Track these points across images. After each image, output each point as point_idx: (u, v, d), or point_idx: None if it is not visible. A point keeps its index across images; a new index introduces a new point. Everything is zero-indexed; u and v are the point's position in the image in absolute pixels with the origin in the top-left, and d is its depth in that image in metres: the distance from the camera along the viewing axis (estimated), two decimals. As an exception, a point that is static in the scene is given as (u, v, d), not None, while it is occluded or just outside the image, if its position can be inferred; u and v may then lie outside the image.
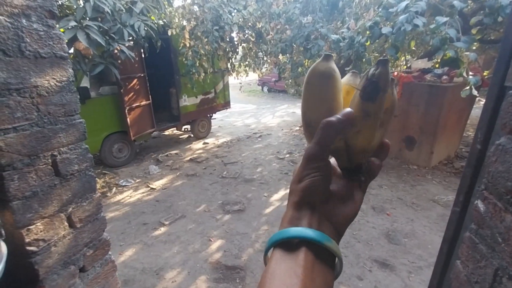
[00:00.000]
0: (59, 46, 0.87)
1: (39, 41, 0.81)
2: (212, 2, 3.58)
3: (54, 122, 0.89)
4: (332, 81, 0.34)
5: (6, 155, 0.76)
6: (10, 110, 0.76)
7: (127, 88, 4.75)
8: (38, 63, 0.81)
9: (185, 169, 5.15)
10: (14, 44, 0.75)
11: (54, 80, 0.87)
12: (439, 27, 1.55)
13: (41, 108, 0.84)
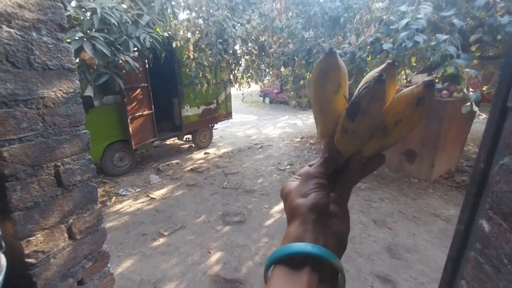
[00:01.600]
0: (67, 58, 0.88)
1: (47, 54, 0.82)
2: (216, 16, 3.68)
3: (59, 133, 0.89)
4: (326, 82, 0.37)
5: (10, 165, 0.76)
6: (16, 121, 0.77)
7: (130, 97, 4.81)
8: (46, 75, 0.83)
9: (185, 179, 5.13)
10: (23, 56, 0.77)
11: (61, 91, 0.88)
12: (440, 44, 1.58)
13: (46, 119, 0.85)
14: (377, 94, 0.31)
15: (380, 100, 0.32)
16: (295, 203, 0.36)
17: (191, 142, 7.16)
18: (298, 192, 0.37)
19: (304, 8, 3.78)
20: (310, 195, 0.35)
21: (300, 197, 0.36)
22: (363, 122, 0.33)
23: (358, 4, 3.13)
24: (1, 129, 0.73)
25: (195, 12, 3.99)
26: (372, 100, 0.31)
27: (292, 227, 0.34)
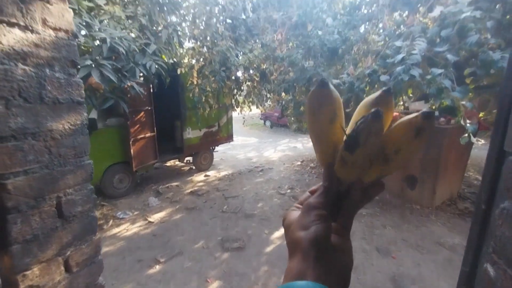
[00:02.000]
0: (77, 92, 0.92)
1: (59, 89, 0.86)
2: (220, 46, 3.85)
3: (64, 164, 0.91)
4: (320, 113, 0.38)
5: (13, 198, 0.76)
6: (23, 154, 0.78)
7: (133, 120, 4.88)
8: (56, 109, 0.86)
9: (185, 202, 5.06)
10: (36, 92, 0.80)
11: (69, 123, 0.91)
12: (435, 78, 1.64)
13: (53, 150, 0.87)
14: (375, 129, 0.32)
15: (378, 134, 0.33)
16: (296, 236, 0.36)
17: (191, 164, 7.15)
18: (299, 224, 0.37)
19: (304, 39, 3.97)
20: (311, 228, 0.34)
21: (301, 230, 0.36)
22: (361, 154, 0.33)
23: (355, 37, 3.29)
24: (8, 162, 0.75)
25: (200, 42, 4.19)
26: (370, 135, 0.32)
27: (294, 263, 0.34)
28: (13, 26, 0.72)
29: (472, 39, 1.68)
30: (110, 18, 2.78)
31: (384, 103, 0.37)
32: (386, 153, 0.36)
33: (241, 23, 4.52)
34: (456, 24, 1.80)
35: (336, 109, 0.38)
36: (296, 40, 4.23)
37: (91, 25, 2.56)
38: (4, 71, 0.72)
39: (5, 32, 0.71)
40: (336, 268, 0.34)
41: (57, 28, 0.83)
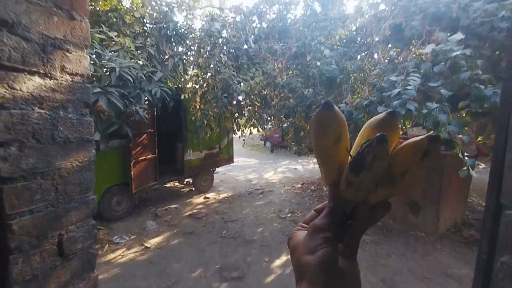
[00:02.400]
0: (87, 130, 0.96)
1: (70, 128, 0.90)
2: (223, 74, 4.00)
3: (69, 201, 0.92)
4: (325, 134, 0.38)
5: (17, 238, 0.77)
6: (30, 193, 0.80)
7: (136, 142, 4.93)
8: (66, 148, 0.89)
9: (183, 226, 4.97)
10: (48, 133, 0.84)
11: (77, 161, 0.93)
12: (431, 112, 1.71)
13: (59, 188, 0.89)
14: (380, 153, 0.32)
15: (383, 158, 0.33)
16: (303, 261, 0.35)
17: (191, 185, 7.11)
18: (306, 247, 0.36)
19: (303, 68, 4.13)
20: (318, 253, 0.34)
21: (308, 254, 0.35)
22: (367, 177, 0.33)
23: (352, 67, 3.44)
24: (15, 202, 0.77)
25: (203, 69, 4.37)
26: (375, 160, 0.32)
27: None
28: (33, 74, 0.78)
29: (464, 75, 1.76)
30: (120, 48, 2.92)
31: (388, 125, 0.38)
32: (392, 175, 0.36)
33: (243, 53, 4.74)
34: (448, 60, 1.90)
35: (340, 130, 0.38)
36: (295, 69, 4.40)
37: (101, 55, 2.68)
38: (21, 115, 0.76)
39: (26, 81, 0.76)
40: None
41: (73, 73, 0.89)
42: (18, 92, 0.74)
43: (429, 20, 2.53)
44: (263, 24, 5.42)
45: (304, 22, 4.94)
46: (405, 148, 0.36)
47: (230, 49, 4.64)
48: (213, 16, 4.26)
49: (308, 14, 5.45)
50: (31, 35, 0.76)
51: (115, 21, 3.22)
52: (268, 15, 5.50)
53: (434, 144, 0.33)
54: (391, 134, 0.36)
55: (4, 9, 0.70)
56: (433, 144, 0.33)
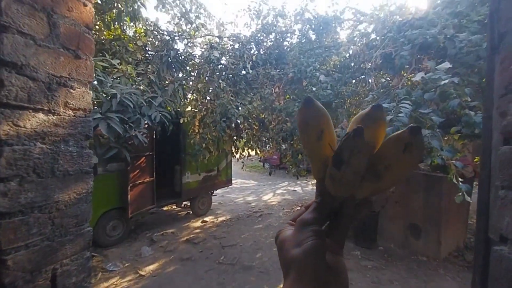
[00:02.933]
0: (87, 162, 0.98)
1: (70, 161, 0.92)
2: (222, 99, 4.12)
3: (64, 234, 0.92)
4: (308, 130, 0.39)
5: (11, 273, 0.77)
6: (27, 228, 0.81)
7: (134, 165, 4.91)
8: (65, 180, 0.91)
9: (180, 252, 4.82)
10: (48, 167, 0.85)
11: (75, 193, 0.95)
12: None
13: (56, 221, 0.89)
14: (357, 147, 0.32)
15: (361, 152, 0.33)
16: (291, 255, 0.34)
17: (189, 208, 6.99)
18: (293, 241, 0.35)
19: (299, 92, 4.26)
20: (306, 245, 0.33)
21: (295, 247, 0.34)
22: (348, 171, 0.34)
23: (347, 92, 3.55)
24: (11, 237, 0.77)
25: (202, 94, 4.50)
26: (353, 153, 0.32)
27: (288, 283, 0.33)
28: (38, 111, 0.81)
29: (454, 103, 1.83)
30: (122, 75, 3.03)
31: (373, 118, 0.37)
32: (376, 169, 0.36)
33: (241, 79, 4.91)
34: (438, 88, 1.98)
35: (322, 126, 0.38)
36: (292, 94, 4.54)
37: (104, 82, 2.76)
38: (24, 151, 0.78)
39: (30, 118, 0.79)
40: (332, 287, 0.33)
41: (76, 108, 0.93)
42: (22, 129, 0.78)
43: (418, 49, 2.67)
44: (260, 51, 5.68)
45: (300, 49, 5.18)
46: (388, 142, 0.37)
47: (229, 75, 4.81)
48: (213, 44, 4.46)
49: (304, 41, 5.73)
50: (38, 75, 0.81)
51: (118, 49, 3.37)
52: (265, 42, 5.78)
53: (416, 135, 0.34)
54: (376, 127, 0.37)
55: (14, 53, 0.74)
56: (414, 135, 0.34)
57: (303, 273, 0.33)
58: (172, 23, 4.91)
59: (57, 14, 0.83)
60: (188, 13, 4.64)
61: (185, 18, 4.52)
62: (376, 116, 0.38)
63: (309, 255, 0.33)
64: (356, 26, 4.69)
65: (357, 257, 4.57)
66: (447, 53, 2.46)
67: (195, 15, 5.00)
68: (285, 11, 6.16)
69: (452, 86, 1.89)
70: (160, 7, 4.25)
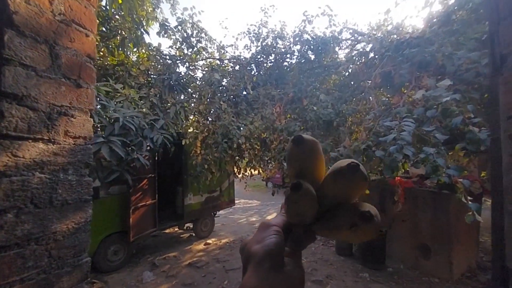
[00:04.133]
0: (86, 190, 0.96)
1: (69, 190, 0.91)
2: (223, 120, 4.16)
3: (61, 266, 0.89)
4: (287, 167, 0.44)
5: (3, 312, 0.73)
6: (23, 261, 0.78)
7: (136, 188, 4.86)
8: (63, 210, 0.89)
9: (182, 277, 4.65)
10: (47, 197, 0.84)
11: (73, 223, 0.92)
12: (428, 157, 1.73)
13: (53, 253, 0.86)
14: (292, 198, 0.38)
15: (297, 202, 0.38)
16: (251, 251, 0.36)
17: (191, 230, 6.83)
18: (254, 239, 0.37)
19: (300, 112, 4.30)
20: (265, 241, 0.35)
21: (255, 244, 0.36)
22: (293, 213, 0.40)
23: (348, 110, 3.58)
24: (6, 271, 0.74)
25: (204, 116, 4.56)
26: (290, 202, 0.38)
27: (246, 278, 0.33)
28: (37, 141, 0.81)
29: (457, 120, 1.82)
30: (125, 99, 3.08)
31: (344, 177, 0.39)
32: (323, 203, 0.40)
33: (242, 99, 4.98)
34: (439, 105, 1.98)
35: (301, 166, 0.42)
36: (293, 113, 4.58)
37: (107, 106, 2.81)
38: (22, 181, 0.77)
39: (29, 148, 0.79)
40: (289, 282, 0.34)
41: (76, 136, 0.93)
42: (21, 159, 0.77)
43: (417, 67, 2.71)
44: (261, 72, 5.81)
45: (299, 69, 5.29)
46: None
47: (230, 96, 4.89)
48: (213, 67, 4.58)
49: (303, 62, 5.87)
50: (39, 105, 0.82)
51: (121, 74, 3.46)
52: (265, 64, 5.92)
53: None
54: (349, 184, 0.39)
55: (15, 85, 0.76)
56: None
57: (260, 265, 0.34)
58: (174, 48, 5.10)
59: (59, 46, 0.85)
60: (189, 37, 4.83)
61: (186, 42, 4.70)
62: (345, 175, 0.39)
63: (268, 250, 0.34)
64: (354, 45, 4.82)
65: (366, 280, 4.37)
66: (446, 71, 2.49)
67: (196, 39, 5.19)
68: (284, 33, 6.36)
69: (454, 103, 1.89)
70: (163, 33, 4.43)
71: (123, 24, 3.46)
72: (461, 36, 2.79)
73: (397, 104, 2.53)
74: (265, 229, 0.39)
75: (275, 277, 0.33)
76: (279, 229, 0.38)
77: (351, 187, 0.39)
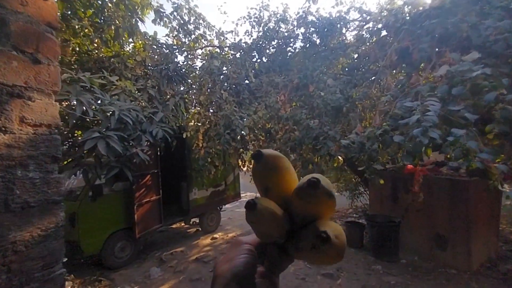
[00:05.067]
0: (55, 190, 0.80)
1: (30, 190, 0.74)
2: (225, 110, 3.96)
3: (26, 282, 0.73)
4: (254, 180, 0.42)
5: None
6: (-30, 281, 0.62)
7: (139, 184, 4.78)
8: (24, 215, 0.72)
9: (189, 272, 4.58)
10: (0, 200, 0.67)
11: (39, 229, 0.76)
12: (458, 139, 1.51)
13: (13, 267, 0.70)
14: (250, 218, 0.37)
15: (254, 222, 0.37)
16: (219, 271, 0.34)
17: (198, 225, 6.77)
18: (225, 258, 0.36)
19: (306, 99, 4.07)
20: (235, 261, 0.33)
21: (224, 263, 0.34)
22: (256, 231, 0.39)
23: (358, 95, 3.34)
24: None
25: (205, 107, 4.37)
26: (249, 223, 0.37)
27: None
28: (-19, 131, 0.64)
29: (490, 96, 1.59)
30: (121, 92, 2.92)
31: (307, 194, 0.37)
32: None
33: (244, 88, 4.75)
34: (466, 82, 1.75)
35: (267, 183, 0.40)
36: (299, 101, 4.34)
37: (102, 99, 2.65)
38: (-39, 181, 0.61)
39: (-31, 139, 0.62)
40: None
41: (37, 124, 0.75)
42: (-41, 153, 0.60)
43: (437, 42, 2.45)
44: (263, 59, 5.52)
45: (304, 54, 5.00)
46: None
47: (231, 85, 4.66)
48: (213, 55, 4.35)
49: (308, 46, 5.54)
50: (-19, 84, 0.64)
51: (117, 66, 3.29)
52: (267, 50, 5.62)
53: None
54: (312, 201, 0.36)
55: None
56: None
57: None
58: (171, 36, 4.85)
59: (5, 9, 0.67)
60: (186, 24, 4.57)
61: (183, 30, 4.45)
62: (307, 192, 0.36)
63: (236, 273, 0.32)
64: (362, 26, 4.50)
65: (379, 272, 4.22)
66: (471, 44, 2.22)
67: (194, 26, 4.92)
68: (286, 16, 5.98)
69: (484, 78, 1.66)
70: (158, 21, 4.20)
71: (116, 12, 3.26)
72: (486, 5, 2.50)
73: (416, 83, 2.29)
74: (235, 247, 0.37)
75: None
76: (251, 248, 0.37)
77: (314, 204, 0.36)
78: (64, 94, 2.26)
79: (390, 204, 4.89)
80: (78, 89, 2.25)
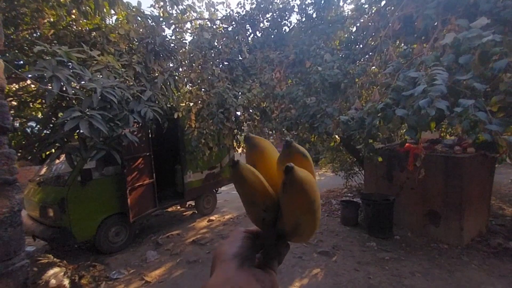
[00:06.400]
0: (6, 167, 0.67)
1: (-27, 168, 0.61)
2: (217, 88, 3.76)
3: (-25, 276, 0.61)
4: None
5: None
6: None
7: (131, 167, 4.66)
8: (-35, 198, 0.60)
9: (186, 254, 4.59)
10: None
11: (-12, 215, 0.63)
12: (467, 110, 1.40)
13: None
14: (233, 178, 0.40)
15: (237, 182, 0.40)
16: (221, 250, 0.38)
17: (193, 208, 6.76)
18: (226, 241, 0.39)
19: (303, 76, 3.89)
20: (235, 243, 0.37)
21: (224, 246, 0.38)
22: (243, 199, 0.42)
23: (356, 71, 3.18)
24: None
25: (197, 85, 4.14)
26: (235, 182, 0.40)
27: (213, 277, 0.33)
28: None
29: (501, 64, 1.47)
30: (104, 68, 2.70)
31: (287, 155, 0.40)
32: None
33: (238, 64, 4.50)
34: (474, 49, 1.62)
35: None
36: (295, 77, 4.15)
37: (81, 76, 2.45)
38: None
39: None
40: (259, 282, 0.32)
41: (-28, 86, 0.61)
42: None
43: (442, 9, 2.29)
44: (257, 33, 5.21)
45: (300, 28, 4.72)
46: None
47: (223, 60, 4.41)
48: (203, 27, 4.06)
49: (304, 19, 5.24)
50: None
51: (98, 40, 3.03)
52: (261, 23, 5.30)
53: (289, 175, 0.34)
54: (288, 159, 0.38)
55: None
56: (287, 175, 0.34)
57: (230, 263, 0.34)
58: (157, 7, 4.48)
59: None
60: (173, -8, 4.26)
61: (170, -1, 4.14)
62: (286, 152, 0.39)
63: (238, 251, 0.36)
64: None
65: (373, 249, 4.30)
66: (477, 10, 2.07)
67: (181, -5, 4.58)
68: (282, -14, 5.62)
69: (493, 45, 1.53)
70: (141, -11, 3.90)
71: (95, -21, 2.96)
72: (494, -31, 2.33)
73: (420, 54, 2.16)
74: (238, 234, 0.40)
75: (242, 276, 0.32)
76: (249, 235, 0.40)
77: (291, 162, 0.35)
78: (39, 70, 2.06)
79: (385, 183, 4.91)
80: (53, 63, 2.05)
